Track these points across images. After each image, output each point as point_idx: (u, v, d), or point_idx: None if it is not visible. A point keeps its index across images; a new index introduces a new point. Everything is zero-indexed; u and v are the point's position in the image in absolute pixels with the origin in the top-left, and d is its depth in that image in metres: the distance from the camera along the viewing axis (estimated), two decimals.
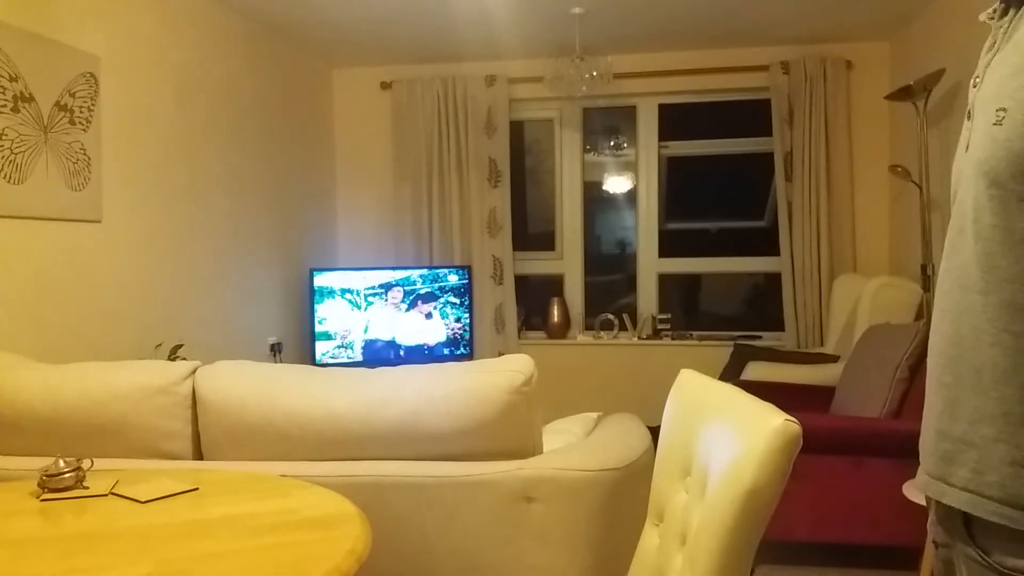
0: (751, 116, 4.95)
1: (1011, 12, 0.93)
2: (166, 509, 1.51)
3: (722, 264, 5.08)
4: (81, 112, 2.94)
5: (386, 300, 4.63)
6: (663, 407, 1.50)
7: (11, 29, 2.63)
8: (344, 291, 4.58)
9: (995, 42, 0.95)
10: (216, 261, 3.89)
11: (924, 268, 3.66)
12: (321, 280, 4.54)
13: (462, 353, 4.76)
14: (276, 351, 4.45)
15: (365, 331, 4.61)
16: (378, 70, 5.25)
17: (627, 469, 1.85)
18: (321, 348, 4.56)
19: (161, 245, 3.46)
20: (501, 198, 5.05)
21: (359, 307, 4.60)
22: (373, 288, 4.62)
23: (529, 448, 1.89)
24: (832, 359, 4.03)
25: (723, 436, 1.21)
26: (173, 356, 3.30)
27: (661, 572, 1.36)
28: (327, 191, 5.22)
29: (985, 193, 0.90)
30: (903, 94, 3.67)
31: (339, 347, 4.58)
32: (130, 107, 3.26)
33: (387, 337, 4.64)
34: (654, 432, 1.77)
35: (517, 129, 5.26)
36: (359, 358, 4.59)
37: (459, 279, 4.76)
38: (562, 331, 5.12)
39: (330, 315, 4.56)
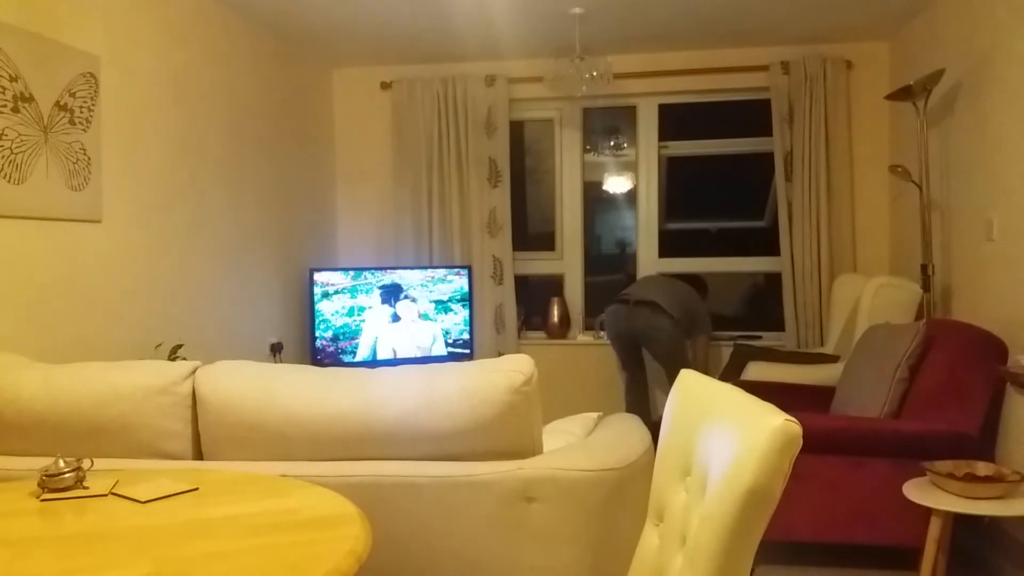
0: (751, 116, 4.94)
1: None
2: (166, 509, 1.51)
3: (722, 264, 5.08)
4: (81, 112, 2.94)
5: (388, 303, 4.63)
6: (663, 407, 1.50)
7: (11, 29, 2.63)
8: (344, 291, 4.58)
9: None
10: (216, 261, 3.89)
11: (924, 268, 3.66)
12: (321, 280, 4.54)
13: (462, 353, 4.76)
14: (276, 351, 4.45)
15: (367, 333, 4.61)
16: (378, 70, 5.25)
17: (627, 469, 1.85)
18: (321, 348, 4.56)
19: (161, 245, 3.46)
20: (501, 198, 5.05)
21: (349, 307, 4.60)
22: (369, 287, 4.62)
23: (529, 448, 1.89)
24: (832, 359, 4.03)
25: (723, 436, 1.21)
26: (173, 356, 3.30)
27: (661, 572, 1.36)
28: (327, 191, 5.22)
29: None
30: (903, 94, 3.67)
31: (333, 346, 4.58)
32: (130, 107, 3.26)
33: (385, 338, 4.64)
34: (654, 431, 1.77)
35: (517, 129, 5.26)
36: (359, 358, 4.59)
37: (459, 279, 4.76)
38: (562, 331, 5.12)
39: (330, 315, 4.56)
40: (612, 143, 5.28)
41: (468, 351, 4.77)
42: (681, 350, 4.32)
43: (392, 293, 4.66)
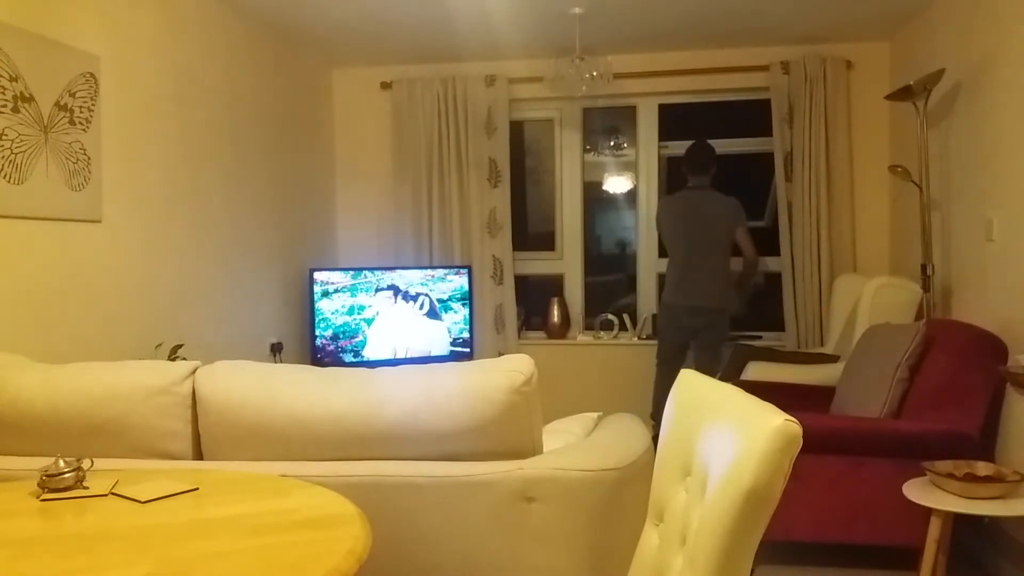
0: (751, 116, 4.94)
1: None
2: (166, 509, 1.51)
3: None
4: (81, 112, 2.94)
5: (393, 301, 4.63)
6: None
7: (11, 29, 2.63)
8: (344, 290, 4.58)
9: None
10: (216, 261, 3.89)
11: (924, 268, 3.66)
12: (321, 279, 4.54)
13: (462, 353, 4.76)
14: (276, 351, 4.45)
15: (366, 328, 4.61)
16: (378, 70, 5.25)
17: (627, 469, 1.85)
18: (321, 347, 4.56)
19: (161, 245, 3.46)
20: (501, 198, 5.05)
21: (350, 306, 4.60)
22: (369, 287, 4.62)
23: (529, 448, 1.89)
24: (832, 359, 4.03)
25: (723, 436, 1.21)
26: (173, 356, 3.30)
27: (661, 572, 1.36)
28: (327, 191, 5.22)
29: None
30: (903, 94, 3.67)
31: (333, 346, 4.58)
32: (130, 107, 3.26)
33: (386, 338, 4.64)
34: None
35: (517, 129, 5.26)
36: (359, 358, 4.59)
37: (459, 279, 4.76)
38: (562, 331, 5.12)
39: (330, 314, 4.56)
40: (612, 143, 5.28)
41: (468, 351, 4.77)
42: (723, 343, 4.49)
43: (394, 293, 4.66)
